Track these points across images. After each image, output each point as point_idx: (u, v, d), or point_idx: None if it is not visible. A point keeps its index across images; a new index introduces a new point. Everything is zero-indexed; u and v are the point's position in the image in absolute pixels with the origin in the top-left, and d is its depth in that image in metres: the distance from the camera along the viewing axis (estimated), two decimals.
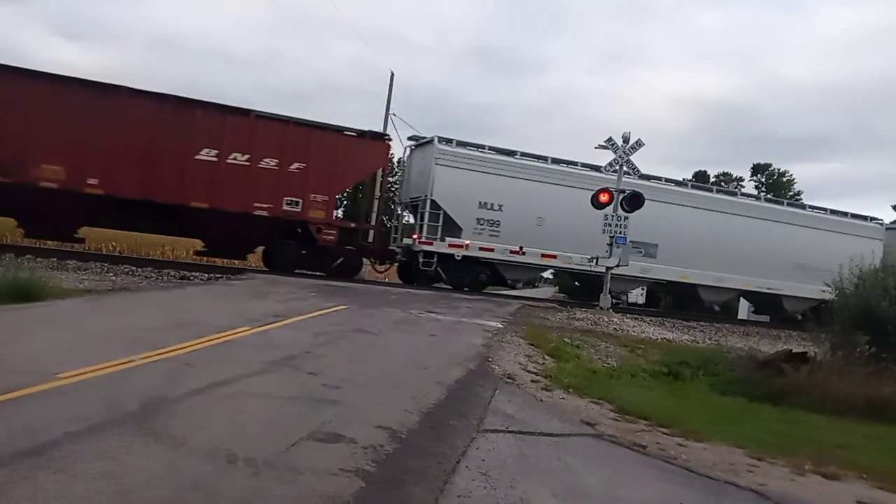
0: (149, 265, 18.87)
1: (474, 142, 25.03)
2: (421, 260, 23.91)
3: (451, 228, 24.08)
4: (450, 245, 23.94)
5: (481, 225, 24.36)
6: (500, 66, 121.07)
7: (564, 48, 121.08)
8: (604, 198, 20.98)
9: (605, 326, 18.08)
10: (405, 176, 27.79)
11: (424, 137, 25.49)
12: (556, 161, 25.73)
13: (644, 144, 21.53)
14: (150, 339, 8.04)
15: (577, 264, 24.88)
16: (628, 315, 21.73)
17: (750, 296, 30.70)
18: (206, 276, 18.33)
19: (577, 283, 33.12)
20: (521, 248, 24.70)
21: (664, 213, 25.43)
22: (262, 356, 8.02)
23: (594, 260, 22.11)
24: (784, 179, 73.40)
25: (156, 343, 7.79)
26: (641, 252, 25.56)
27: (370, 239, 23.56)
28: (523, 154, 25.36)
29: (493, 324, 14.80)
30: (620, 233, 20.91)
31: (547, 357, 11.31)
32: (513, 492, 4.72)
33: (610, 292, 22.49)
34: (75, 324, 9.38)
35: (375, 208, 23.44)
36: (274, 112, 21.40)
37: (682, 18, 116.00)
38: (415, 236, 24.27)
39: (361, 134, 22.56)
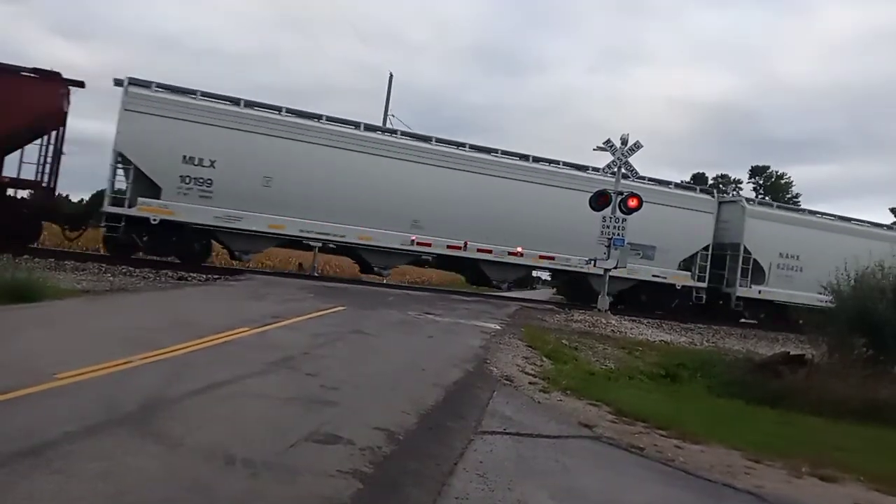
0: (146, 266, 18.87)
1: (188, 87, 21.08)
2: (104, 224, 20.22)
3: (148, 187, 20.15)
4: (143, 208, 19.88)
5: (187, 184, 20.32)
6: (498, 66, 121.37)
7: (563, 48, 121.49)
8: (602, 201, 21.02)
9: (602, 328, 18.10)
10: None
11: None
12: (292, 112, 21.99)
13: (642, 146, 21.58)
14: (148, 339, 8.04)
15: (318, 234, 21.81)
16: (626, 317, 21.74)
17: (554, 275, 29.14)
18: (204, 276, 18.34)
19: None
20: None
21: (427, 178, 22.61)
22: (261, 357, 8.02)
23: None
24: (782, 182, 73.50)
25: (154, 343, 7.79)
26: (412, 224, 22.71)
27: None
28: (249, 103, 21.57)
29: (492, 325, 14.82)
30: (619, 235, 20.93)
31: (545, 359, 11.32)
32: (510, 493, 4.72)
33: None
34: (73, 324, 9.38)
35: (48, 161, 19.61)
36: None
37: (682, 18, 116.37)
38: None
39: (18, 71, 18.89)
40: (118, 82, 20.25)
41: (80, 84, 19.70)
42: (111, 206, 19.74)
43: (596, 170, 23.75)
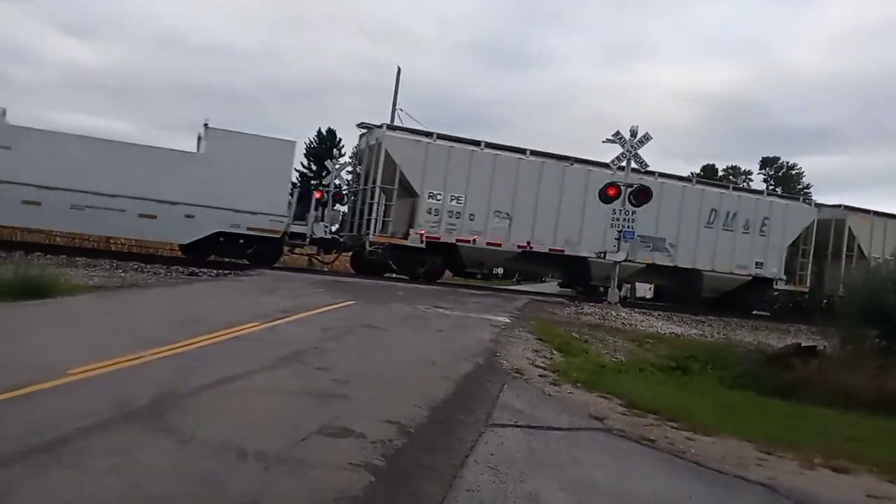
0: (157, 262, 18.95)
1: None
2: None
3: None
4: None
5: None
6: (503, 61, 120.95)
7: (568, 42, 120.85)
8: (612, 192, 20.97)
9: (613, 321, 18.05)
10: None
11: None
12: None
13: (651, 138, 21.51)
14: (160, 335, 8.08)
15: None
16: (636, 310, 21.69)
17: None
18: (215, 272, 18.40)
19: None
20: None
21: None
22: (271, 352, 8.05)
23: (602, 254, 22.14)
24: (793, 172, 73.01)
25: (165, 339, 7.82)
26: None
27: None
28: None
29: (501, 319, 14.80)
30: (629, 227, 20.89)
31: (555, 352, 11.30)
32: (521, 486, 4.72)
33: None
34: (85, 320, 9.44)
35: None
36: None
37: (687, 11, 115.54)
38: None
39: None
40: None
41: None
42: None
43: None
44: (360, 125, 24.32)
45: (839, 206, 29.30)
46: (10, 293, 10.02)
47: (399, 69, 29.28)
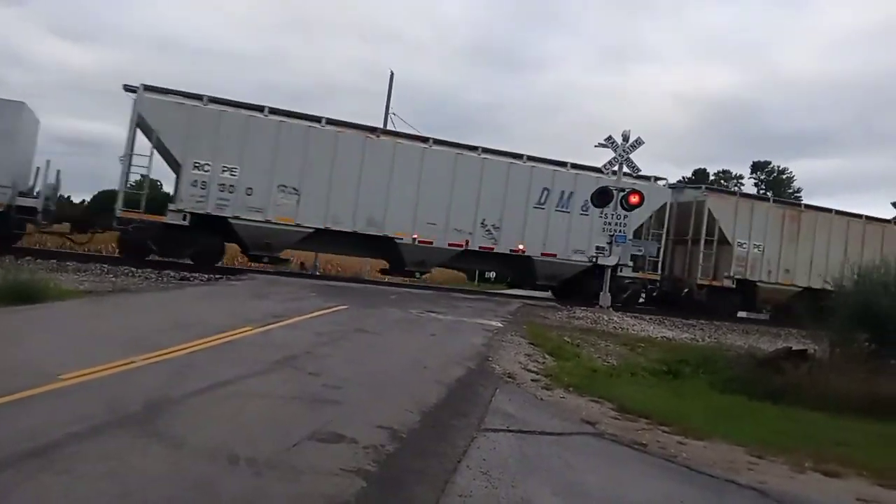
0: (148, 266, 18.88)
1: None
2: None
3: None
4: None
5: None
6: (498, 65, 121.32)
7: (562, 46, 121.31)
8: (604, 198, 21.06)
9: (604, 325, 18.10)
10: None
11: None
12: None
13: (644, 143, 21.60)
14: (151, 339, 8.06)
15: None
16: (628, 314, 21.74)
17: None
18: (206, 276, 18.35)
19: None
20: None
21: None
22: (264, 356, 8.04)
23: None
24: (784, 177, 73.35)
25: (157, 344, 7.80)
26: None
27: None
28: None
29: (494, 323, 14.83)
30: (621, 231, 20.98)
31: (547, 356, 11.33)
32: (514, 491, 4.73)
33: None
34: (76, 325, 9.41)
35: None
36: None
37: (682, 15, 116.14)
38: None
39: None
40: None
41: None
42: None
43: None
44: (125, 87, 20.20)
45: (700, 186, 27.83)
46: (1, 298, 9.97)
47: (392, 73, 29.37)
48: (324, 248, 24.34)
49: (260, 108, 20.75)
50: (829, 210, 27.81)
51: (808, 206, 28.11)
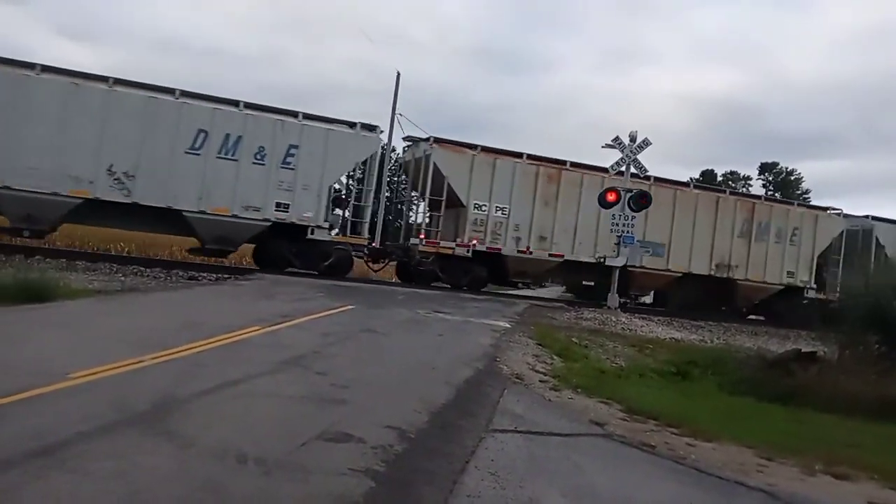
0: (157, 265, 18.94)
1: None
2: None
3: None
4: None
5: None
6: (503, 66, 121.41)
7: (567, 47, 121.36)
8: (611, 197, 21.00)
9: (613, 326, 18.06)
10: None
11: None
12: None
13: (651, 143, 21.55)
14: (160, 339, 8.07)
15: None
16: (636, 315, 21.68)
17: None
18: (215, 276, 18.40)
19: None
20: None
21: None
22: (272, 356, 8.05)
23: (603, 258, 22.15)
24: (792, 178, 73.08)
25: (165, 343, 7.82)
26: None
27: None
28: None
29: (501, 323, 14.81)
30: (628, 232, 20.92)
31: (555, 357, 11.30)
32: (522, 491, 4.71)
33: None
34: (85, 324, 9.43)
35: None
36: None
37: (686, 16, 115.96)
38: None
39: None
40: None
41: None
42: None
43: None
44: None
45: (428, 138, 23.23)
46: (11, 297, 10.00)
47: (398, 74, 29.15)
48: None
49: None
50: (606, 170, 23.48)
51: (576, 165, 24.32)
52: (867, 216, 28.48)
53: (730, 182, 69.20)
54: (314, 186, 20.68)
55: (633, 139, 21.36)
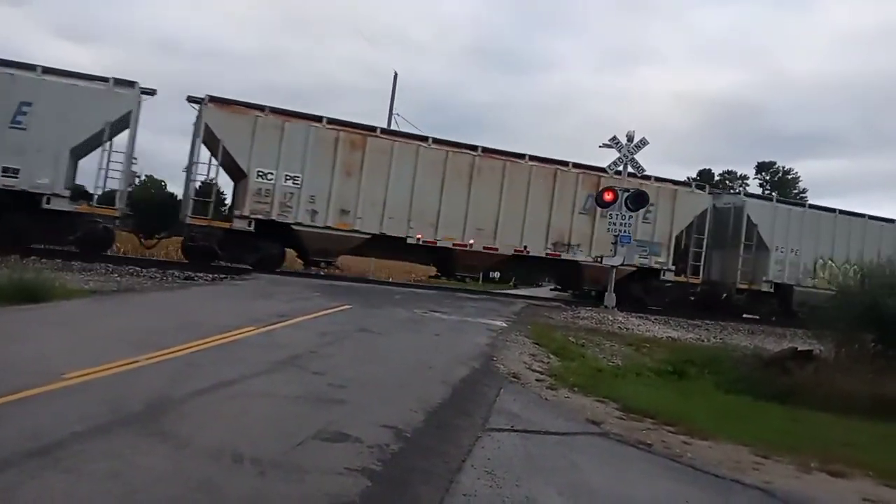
0: (153, 266, 18.91)
1: None
2: None
3: None
4: None
5: None
6: (502, 65, 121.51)
7: (566, 47, 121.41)
8: (608, 196, 21.04)
9: (609, 325, 18.08)
10: None
11: None
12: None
13: (648, 143, 21.61)
14: (156, 339, 8.06)
15: None
16: (633, 314, 21.71)
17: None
18: (211, 276, 18.38)
19: None
20: None
21: None
22: (268, 356, 8.04)
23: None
24: (789, 177, 73.15)
25: (161, 343, 7.81)
26: None
27: None
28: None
29: (498, 323, 14.81)
30: (625, 232, 20.95)
31: (552, 356, 11.31)
32: (518, 490, 4.71)
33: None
34: (81, 324, 9.41)
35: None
36: None
37: (685, 16, 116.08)
38: None
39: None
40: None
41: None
42: None
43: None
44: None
45: (204, 98, 20.87)
46: (6, 297, 10.00)
47: (396, 74, 29.38)
48: None
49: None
50: (424, 138, 22.69)
51: (387, 132, 23.10)
52: (739, 192, 27.12)
53: (727, 181, 69.24)
54: (53, 153, 18.36)
55: (630, 138, 21.40)
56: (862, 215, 27.81)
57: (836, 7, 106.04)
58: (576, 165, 23.77)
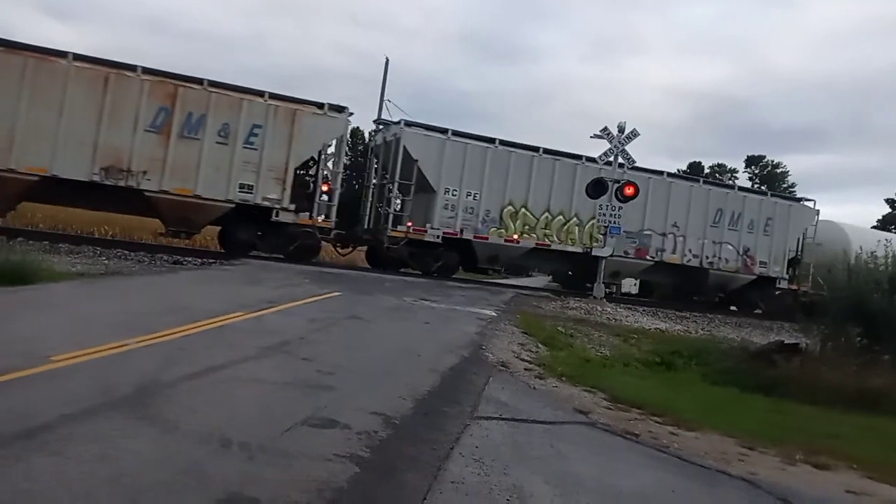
0: (141, 249, 18.75)
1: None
2: None
3: None
4: None
5: None
6: (491, 54, 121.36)
7: (555, 37, 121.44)
8: (599, 189, 21.05)
9: (598, 316, 18.13)
10: None
11: None
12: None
13: (639, 134, 21.60)
14: (144, 323, 8.02)
15: None
16: (621, 305, 21.79)
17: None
18: (200, 261, 18.28)
19: None
20: None
21: None
22: (257, 342, 8.02)
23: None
24: (778, 171, 73.49)
25: (149, 327, 7.77)
26: None
27: None
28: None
29: (488, 312, 14.83)
30: (615, 223, 20.99)
31: (540, 345, 11.34)
32: (506, 478, 4.73)
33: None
34: (68, 307, 9.35)
35: None
36: None
37: (673, 8, 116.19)
38: None
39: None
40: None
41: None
42: None
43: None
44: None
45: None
46: None
47: (387, 60, 28.99)
48: None
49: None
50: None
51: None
52: (399, 121, 22.68)
53: (717, 174, 69.48)
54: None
55: (621, 130, 21.41)
56: (575, 155, 23.99)
57: (823, 2, 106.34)
58: (146, 70, 18.88)
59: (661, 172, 25.16)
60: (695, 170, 65.59)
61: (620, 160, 21.58)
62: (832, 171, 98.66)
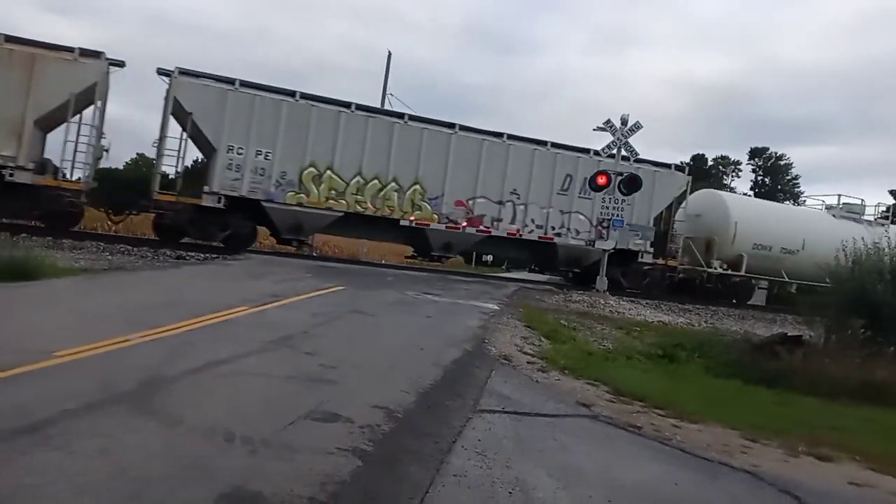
0: (145, 245, 18.80)
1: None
2: None
3: None
4: None
5: None
6: (494, 47, 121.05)
7: (559, 30, 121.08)
8: (601, 180, 21.01)
9: (601, 309, 18.13)
10: None
11: None
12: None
13: (642, 127, 21.52)
14: (147, 318, 8.04)
15: None
16: (624, 298, 21.78)
17: None
18: (202, 255, 18.31)
19: None
20: None
21: None
22: (260, 336, 8.03)
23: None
24: (781, 163, 73.24)
25: (152, 322, 7.78)
26: None
27: None
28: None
29: (490, 305, 14.83)
30: (617, 216, 20.96)
31: (543, 339, 11.34)
32: (508, 471, 4.74)
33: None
34: (72, 303, 9.37)
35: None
36: None
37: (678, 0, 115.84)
38: None
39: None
40: None
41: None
42: None
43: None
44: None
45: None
46: None
47: (389, 53, 28.98)
48: None
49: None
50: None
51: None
52: (174, 69, 19.85)
53: (720, 166, 69.28)
54: None
55: (624, 122, 21.35)
56: (395, 113, 22.86)
57: None
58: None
59: (500, 134, 22.78)
60: (698, 161, 65.43)
61: (624, 152, 21.57)
62: (838, 162, 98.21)
